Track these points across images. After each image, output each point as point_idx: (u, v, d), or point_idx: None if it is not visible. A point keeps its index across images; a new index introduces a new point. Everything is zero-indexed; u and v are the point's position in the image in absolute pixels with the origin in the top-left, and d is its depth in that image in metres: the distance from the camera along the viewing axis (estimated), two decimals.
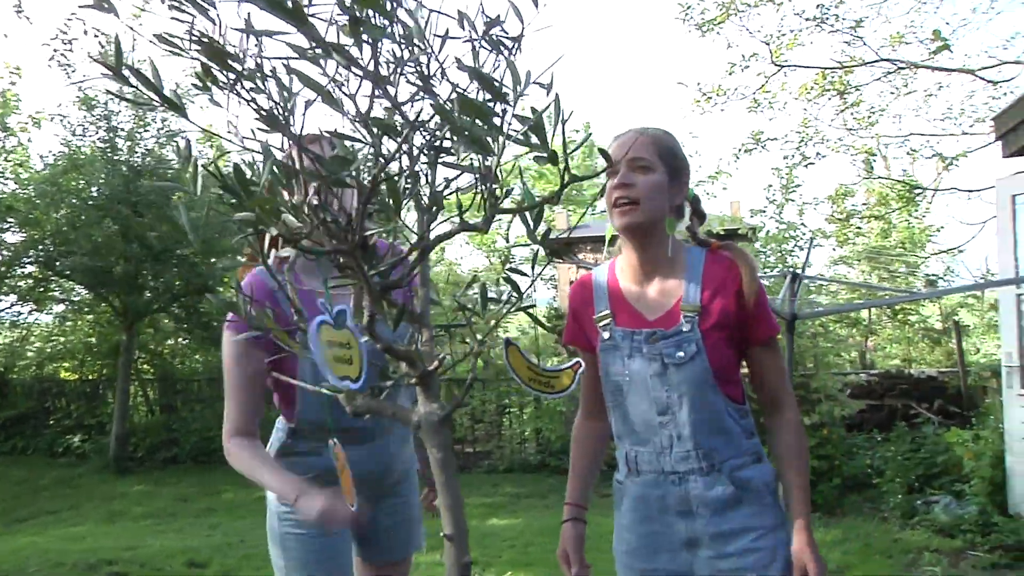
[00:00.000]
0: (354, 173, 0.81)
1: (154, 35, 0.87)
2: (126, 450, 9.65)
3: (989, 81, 9.62)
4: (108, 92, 0.89)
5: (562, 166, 0.78)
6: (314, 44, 0.76)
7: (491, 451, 8.96)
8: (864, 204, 12.77)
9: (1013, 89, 9.47)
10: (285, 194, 0.87)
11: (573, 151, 0.78)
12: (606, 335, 1.84)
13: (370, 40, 0.74)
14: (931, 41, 9.29)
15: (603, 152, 0.81)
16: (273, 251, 0.90)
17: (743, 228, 8.84)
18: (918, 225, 14.57)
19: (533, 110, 0.76)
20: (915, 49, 12.67)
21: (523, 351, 1.25)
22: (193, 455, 9.58)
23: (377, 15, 0.75)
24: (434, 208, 0.93)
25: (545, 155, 0.76)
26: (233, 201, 0.87)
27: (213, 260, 9.81)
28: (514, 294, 0.93)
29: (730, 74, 11.29)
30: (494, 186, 0.81)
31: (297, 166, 0.84)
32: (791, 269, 5.39)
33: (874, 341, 13.25)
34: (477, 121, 0.75)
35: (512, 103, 0.76)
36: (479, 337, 0.92)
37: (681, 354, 1.75)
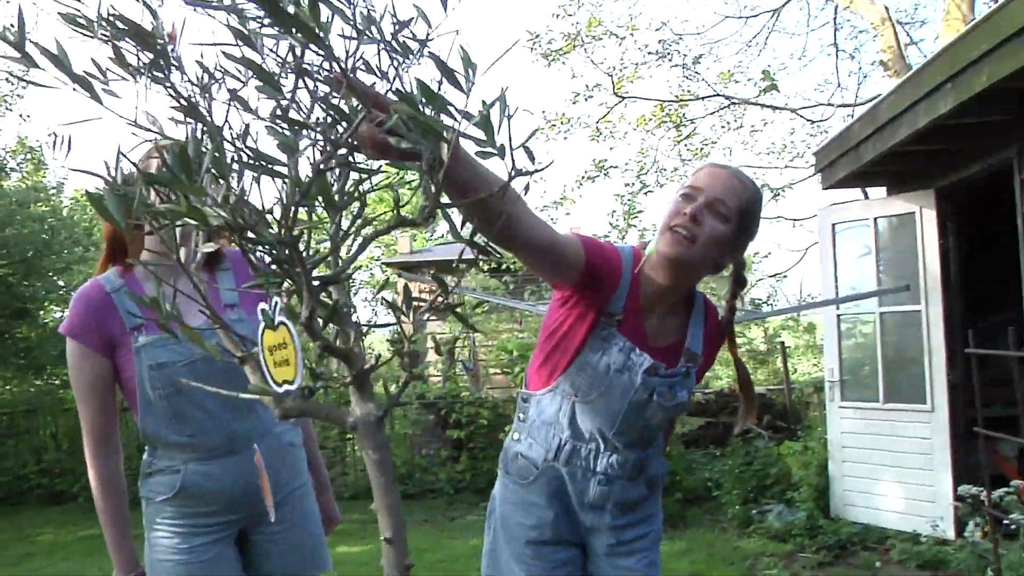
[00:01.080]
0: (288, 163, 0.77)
1: (60, 13, 0.80)
2: None
3: (808, 120, 10.58)
4: (9, 74, 0.79)
5: (508, 161, 0.78)
6: (270, 22, 0.72)
7: (335, 478, 8.71)
8: None
9: (828, 128, 10.45)
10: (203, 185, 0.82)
11: (520, 146, 0.79)
12: (604, 332, 1.72)
13: (354, 24, 0.72)
14: (761, 80, 10.12)
15: (527, 150, 0.82)
16: (195, 249, 0.84)
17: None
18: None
19: (484, 103, 0.76)
20: (743, 88, 13.70)
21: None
22: (2, 496, 8.69)
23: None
24: (356, 205, 0.91)
25: (494, 150, 0.76)
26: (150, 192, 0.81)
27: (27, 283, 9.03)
28: (440, 295, 0.92)
29: (574, 103, 11.72)
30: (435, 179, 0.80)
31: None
32: None
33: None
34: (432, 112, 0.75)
35: (468, 93, 0.76)
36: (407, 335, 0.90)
37: (673, 395, 1.75)
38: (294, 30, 0.72)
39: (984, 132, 4.66)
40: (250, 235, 0.75)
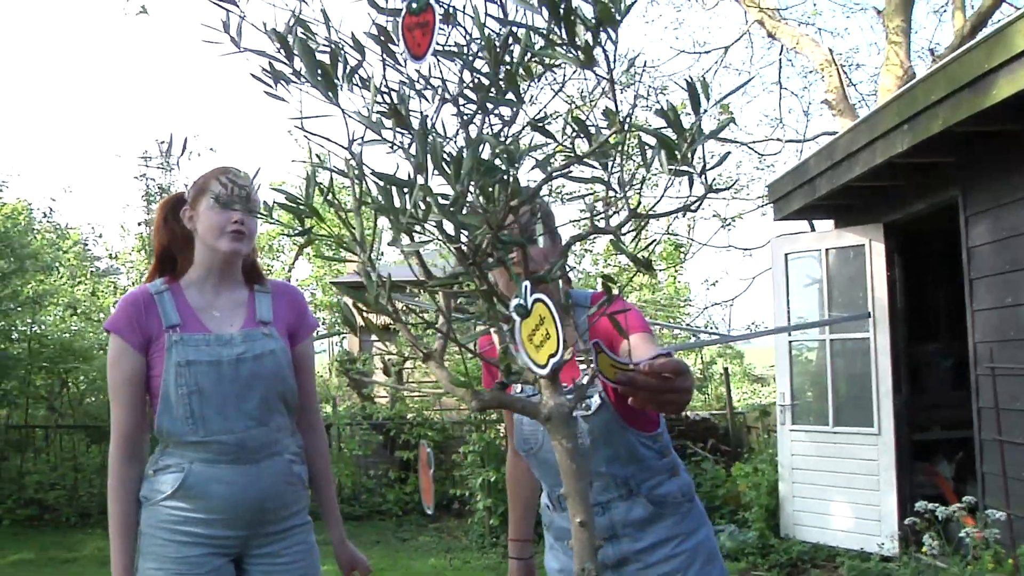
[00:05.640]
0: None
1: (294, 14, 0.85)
2: None
3: (759, 154, 11.02)
4: (263, 73, 0.84)
5: (700, 175, 0.87)
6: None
7: None
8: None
9: (775, 162, 10.93)
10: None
11: (714, 167, 0.88)
12: (518, 388, 1.80)
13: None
14: (719, 114, 10.50)
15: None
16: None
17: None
18: (673, 282, 16.25)
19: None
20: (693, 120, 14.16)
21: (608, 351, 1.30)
22: None
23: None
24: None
25: (686, 169, 0.85)
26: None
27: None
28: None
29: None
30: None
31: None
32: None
33: None
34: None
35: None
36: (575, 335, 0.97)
37: (587, 406, 1.80)
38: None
39: (932, 171, 4.98)
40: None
